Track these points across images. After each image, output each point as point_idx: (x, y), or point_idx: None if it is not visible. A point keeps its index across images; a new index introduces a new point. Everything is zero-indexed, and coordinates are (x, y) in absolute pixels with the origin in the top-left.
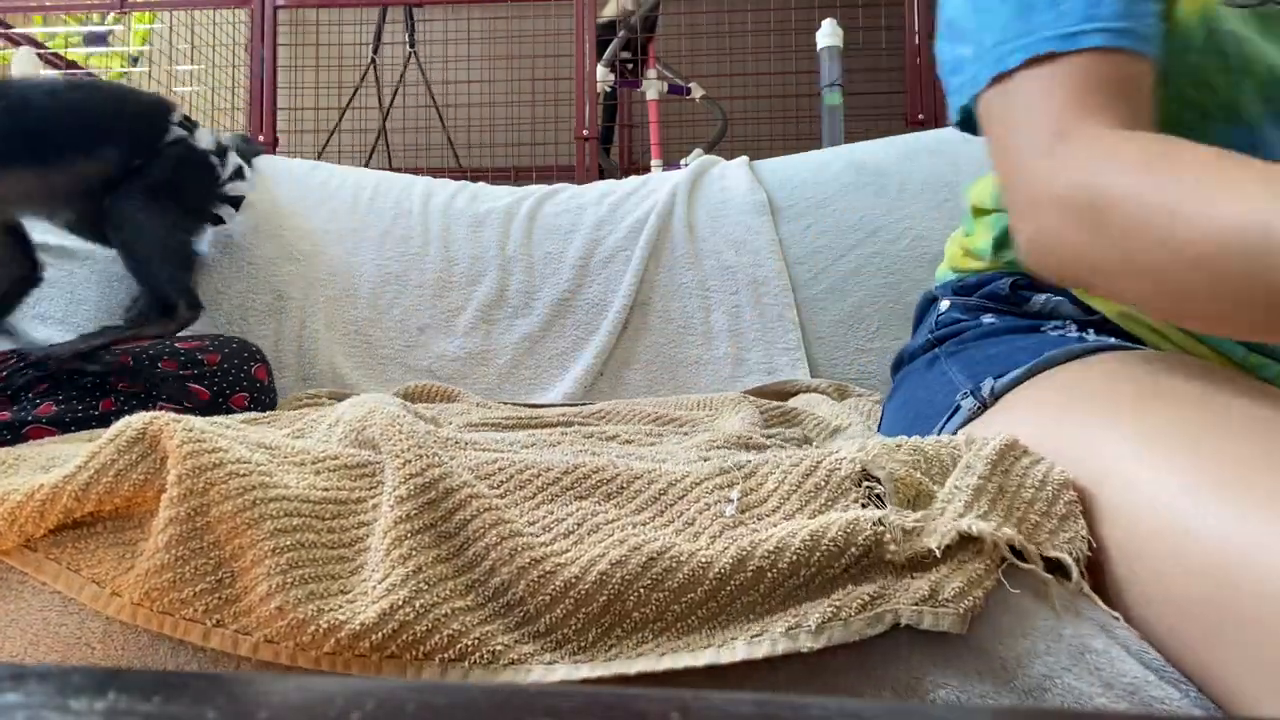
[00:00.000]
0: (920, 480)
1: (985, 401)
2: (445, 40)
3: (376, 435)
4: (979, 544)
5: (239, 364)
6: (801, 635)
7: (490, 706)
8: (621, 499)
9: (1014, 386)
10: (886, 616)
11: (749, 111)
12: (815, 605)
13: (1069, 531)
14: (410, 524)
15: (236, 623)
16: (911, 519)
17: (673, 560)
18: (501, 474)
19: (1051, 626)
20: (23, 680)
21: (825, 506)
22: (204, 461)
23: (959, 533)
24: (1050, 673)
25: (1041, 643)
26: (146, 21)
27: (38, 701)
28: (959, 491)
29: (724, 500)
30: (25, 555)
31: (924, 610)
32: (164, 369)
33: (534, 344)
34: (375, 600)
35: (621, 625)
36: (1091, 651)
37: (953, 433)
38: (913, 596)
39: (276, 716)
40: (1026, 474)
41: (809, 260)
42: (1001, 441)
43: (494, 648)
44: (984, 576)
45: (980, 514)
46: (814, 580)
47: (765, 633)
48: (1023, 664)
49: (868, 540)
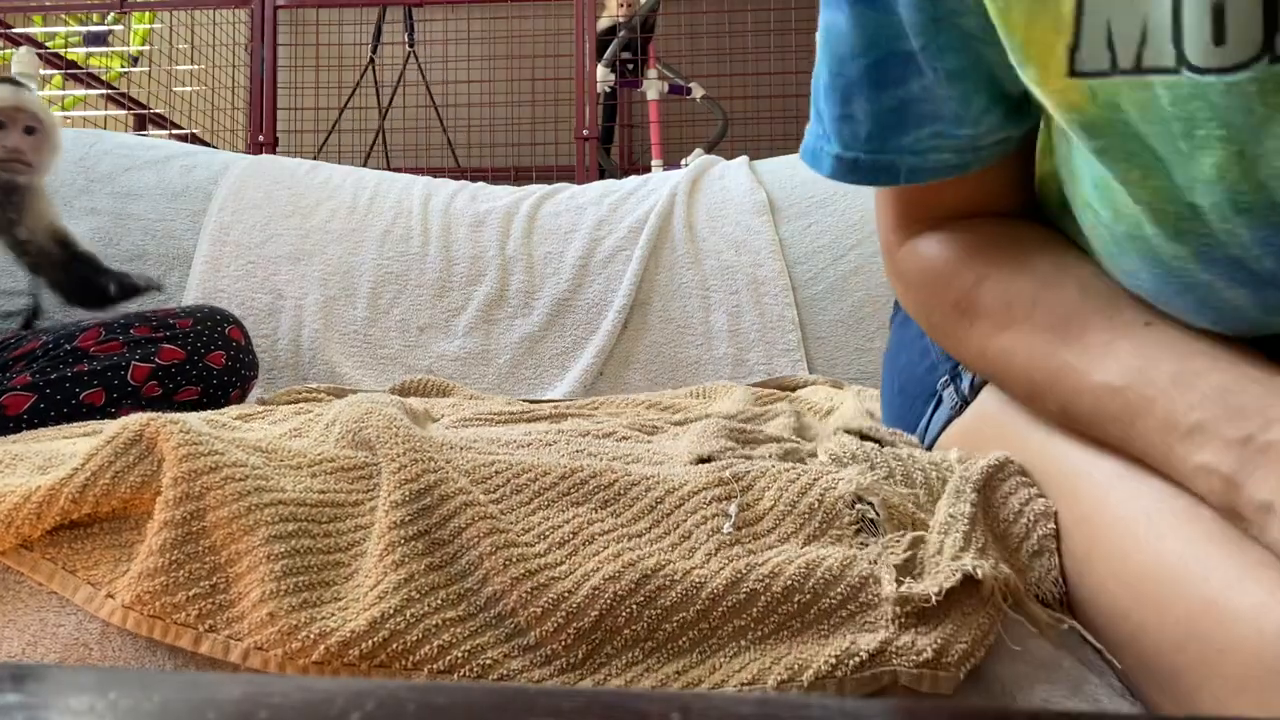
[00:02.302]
0: (913, 511)
1: (965, 396)
2: (445, 40)
3: (373, 437)
4: (979, 587)
5: (212, 325)
6: (793, 692)
7: (491, 706)
8: (618, 506)
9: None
10: (884, 677)
11: (749, 111)
12: (812, 652)
13: (1039, 570)
14: (403, 530)
15: (229, 628)
16: (904, 554)
17: (666, 578)
18: (498, 477)
19: (1051, 656)
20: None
21: (821, 529)
22: (200, 465)
23: (964, 575)
24: (1050, 699)
25: (1042, 670)
26: (146, 21)
27: (38, 701)
28: (955, 521)
29: (721, 514)
30: (22, 556)
31: (924, 674)
32: (136, 334)
33: (534, 344)
34: (366, 608)
35: (612, 642)
36: (1089, 684)
37: (939, 429)
38: (915, 658)
39: (276, 716)
40: (1005, 503)
41: (809, 260)
42: (990, 464)
43: (484, 661)
44: (987, 632)
45: (979, 547)
46: (809, 610)
47: (758, 683)
48: (1022, 687)
49: (863, 578)
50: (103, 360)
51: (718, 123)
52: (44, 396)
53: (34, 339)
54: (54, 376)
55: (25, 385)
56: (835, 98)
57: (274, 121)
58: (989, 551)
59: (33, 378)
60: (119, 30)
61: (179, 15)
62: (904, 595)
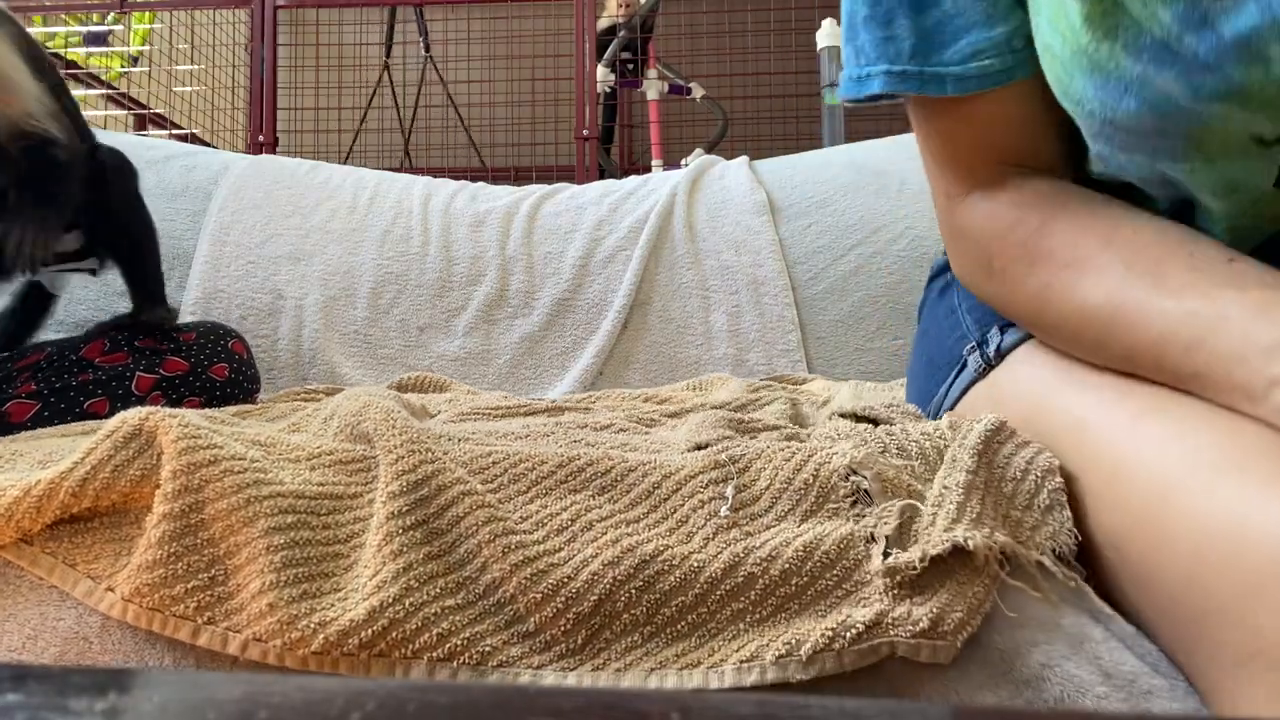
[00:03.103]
0: (908, 482)
1: (990, 360)
2: (445, 40)
3: (371, 430)
4: (973, 557)
5: (215, 340)
6: (792, 665)
7: (491, 706)
8: (615, 493)
9: (1019, 344)
10: (882, 648)
11: (749, 111)
12: (809, 628)
13: (1053, 524)
14: (401, 520)
15: (228, 620)
16: (896, 523)
17: (665, 563)
18: (495, 467)
19: (1049, 616)
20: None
21: (817, 505)
22: (199, 458)
23: (954, 544)
24: (1049, 661)
25: (1040, 633)
26: (146, 21)
27: (38, 701)
28: (949, 492)
29: (718, 497)
30: (21, 550)
31: (921, 644)
32: (141, 345)
33: (534, 344)
34: (365, 597)
35: (611, 627)
36: (1090, 640)
37: (960, 392)
38: (911, 628)
39: (276, 716)
40: (1009, 463)
41: (809, 260)
42: (986, 428)
43: (483, 648)
44: (983, 600)
45: (973, 516)
46: (806, 591)
47: (756, 659)
48: (1021, 653)
49: (859, 556)
50: (107, 370)
51: (718, 123)
52: (48, 405)
53: (39, 350)
54: (58, 385)
55: (30, 394)
56: (875, 25)
57: (274, 121)
58: (985, 520)
59: (37, 386)
60: (119, 30)
61: (179, 15)
62: (891, 566)
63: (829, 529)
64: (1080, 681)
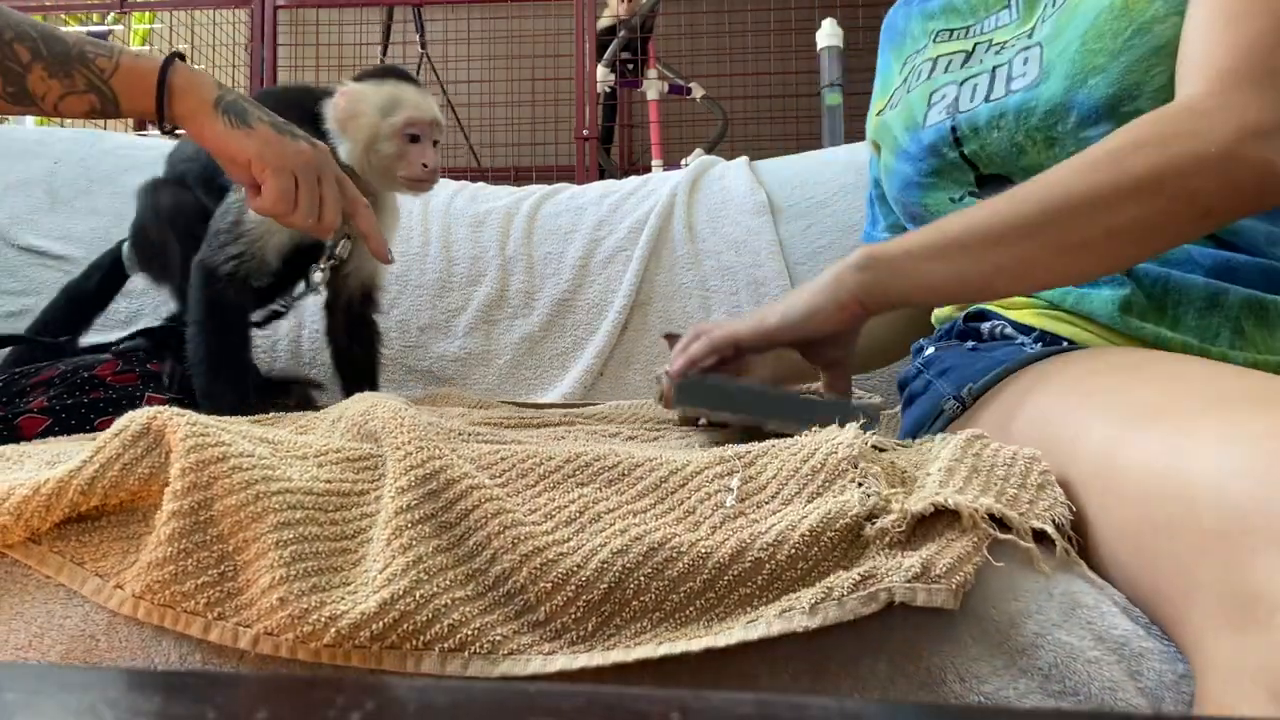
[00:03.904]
0: (904, 468)
1: (965, 402)
2: (445, 40)
3: (378, 429)
4: (961, 519)
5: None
6: (796, 615)
7: (491, 705)
8: (623, 485)
9: (987, 390)
10: (880, 595)
11: (749, 111)
12: (809, 589)
13: (1047, 499)
14: (411, 514)
15: (238, 615)
16: (891, 491)
17: (673, 550)
18: (503, 464)
19: (1041, 586)
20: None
21: (823, 487)
22: (208, 455)
23: (935, 505)
24: (1041, 630)
25: (1032, 603)
26: (146, 21)
27: (38, 701)
28: (935, 474)
29: (724, 489)
30: (30, 549)
31: (917, 587)
32: (152, 369)
33: (534, 344)
34: (376, 590)
35: (620, 614)
36: (1082, 606)
37: (939, 431)
38: (905, 574)
39: (276, 716)
40: (997, 454)
41: (809, 261)
42: (967, 432)
43: (493, 638)
44: (972, 552)
45: (956, 489)
46: (812, 572)
47: (760, 618)
48: (1015, 624)
49: (858, 516)
50: (118, 390)
51: (718, 123)
52: (59, 420)
53: (52, 367)
54: (70, 402)
55: (42, 409)
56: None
57: None
58: (971, 490)
59: (49, 402)
60: (119, 30)
61: (179, 15)
62: (880, 528)
63: (832, 508)
64: (1072, 648)
